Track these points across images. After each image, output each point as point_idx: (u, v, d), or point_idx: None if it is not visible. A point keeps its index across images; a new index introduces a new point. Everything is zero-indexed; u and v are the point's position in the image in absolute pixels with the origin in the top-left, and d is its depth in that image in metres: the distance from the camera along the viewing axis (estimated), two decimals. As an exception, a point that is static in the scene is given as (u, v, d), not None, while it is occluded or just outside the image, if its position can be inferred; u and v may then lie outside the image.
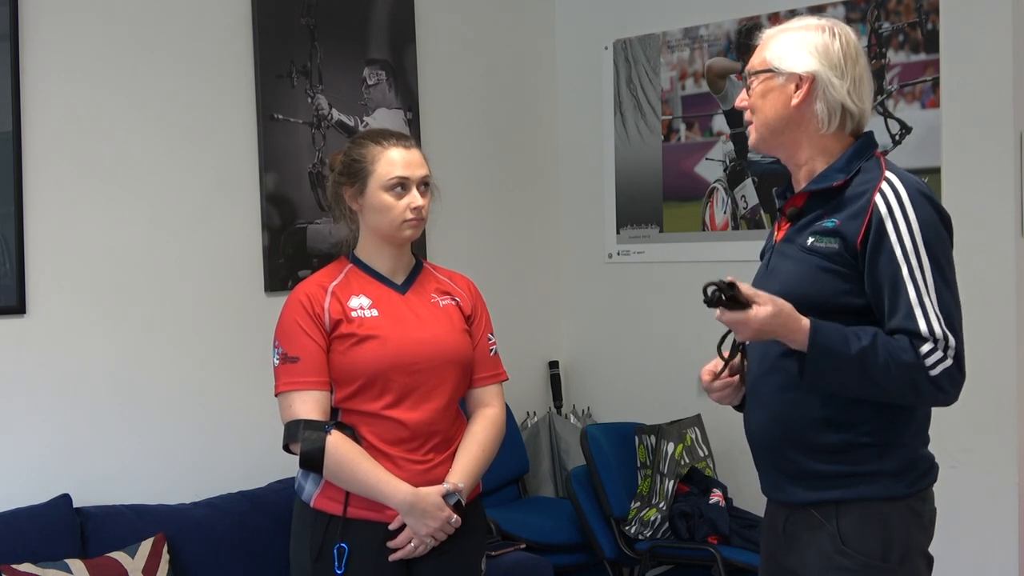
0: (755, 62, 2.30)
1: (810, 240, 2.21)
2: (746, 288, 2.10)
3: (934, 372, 2.09)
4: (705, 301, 2.07)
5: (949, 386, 2.11)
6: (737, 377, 2.34)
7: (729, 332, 2.20)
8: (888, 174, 2.18)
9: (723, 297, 2.06)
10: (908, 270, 2.10)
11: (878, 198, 2.14)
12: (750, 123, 2.32)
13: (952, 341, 2.10)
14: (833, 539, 2.18)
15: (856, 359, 2.08)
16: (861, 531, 2.17)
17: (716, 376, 2.34)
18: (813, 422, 2.20)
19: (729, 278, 2.08)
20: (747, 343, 2.27)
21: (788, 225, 2.30)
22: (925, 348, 2.08)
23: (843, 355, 2.09)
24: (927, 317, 2.09)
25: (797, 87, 2.23)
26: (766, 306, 2.08)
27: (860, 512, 2.17)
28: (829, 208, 2.21)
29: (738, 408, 2.39)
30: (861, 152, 2.25)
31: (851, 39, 2.26)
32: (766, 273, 2.32)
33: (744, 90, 2.32)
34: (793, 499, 2.25)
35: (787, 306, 2.11)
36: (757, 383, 2.30)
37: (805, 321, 2.11)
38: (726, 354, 2.31)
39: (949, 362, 2.09)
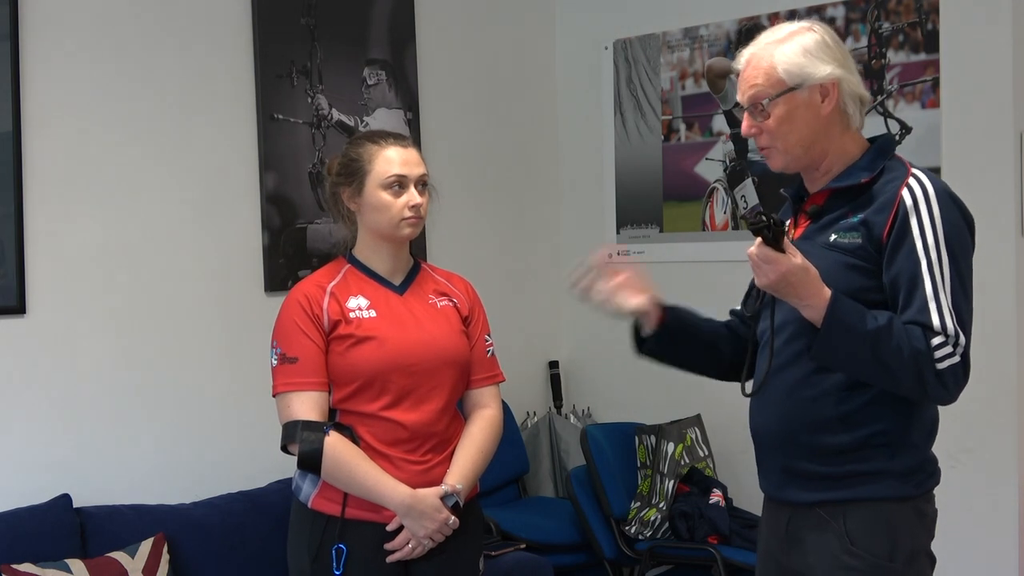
0: (764, 85, 2.21)
1: (833, 237, 2.20)
2: (788, 243, 2.09)
3: (941, 366, 2.08)
4: (750, 224, 2.05)
5: (952, 383, 2.10)
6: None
7: (752, 289, 2.19)
8: (915, 171, 2.19)
9: (769, 231, 2.05)
10: (927, 265, 2.10)
11: (905, 192, 2.15)
12: (767, 148, 2.24)
13: (962, 339, 2.09)
14: (841, 539, 2.18)
15: (870, 336, 2.07)
16: (869, 531, 2.16)
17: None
18: (826, 421, 2.19)
19: (786, 220, 2.08)
20: (773, 312, 2.25)
21: (806, 224, 2.28)
22: (936, 341, 2.08)
23: (858, 330, 2.08)
24: (940, 312, 2.08)
25: (822, 96, 2.20)
26: (797, 258, 2.08)
27: (868, 512, 2.17)
28: (854, 206, 2.20)
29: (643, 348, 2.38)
30: (883, 151, 2.25)
31: (830, 30, 2.26)
32: None
33: (750, 117, 2.24)
34: (799, 499, 2.25)
35: (815, 270, 2.10)
36: (768, 380, 2.27)
37: (827, 291, 2.10)
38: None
39: (957, 359, 2.09)
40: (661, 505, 4.05)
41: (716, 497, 4.04)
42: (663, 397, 4.48)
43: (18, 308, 3.26)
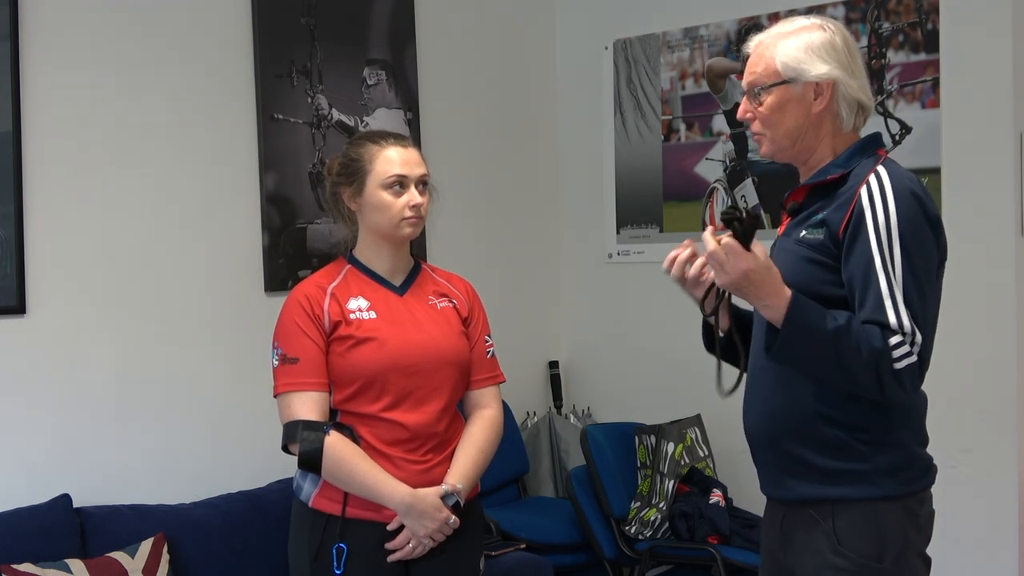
0: (761, 74, 2.26)
1: (802, 232, 2.22)
2: (756, 242, 2.11)
3: (898, 365, 2.07)
4: (723, 215, 2.10)
5: (909, 383, 2.09)
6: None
7: (712, 287, 2.21)
8: (879, 168, 2.18)
9: (740, 224, 2.08)
10: (881, 261, 2.09)
11: (863, 190, 2.15)
12: (759, 134, 2.29)
13: (919, 338, 2.08)
14: (829, 539, 2.18)
15: (830, 336, 2.07)
16: (857, 531, 2.17)
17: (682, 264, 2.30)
18: (809, 419, 2.20)
19: (756, 213, 2.11)
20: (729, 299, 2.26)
21: (788, 220, 2.31)
22: (894, 340, 2.07)
23: (817, 329, 2.08)
24: (896, 310, 2.08)
25: (816, 94, 2.22)
26: (762, 256, 2.10)
27: (856, 512, 2.17)
28: (824, 203, 2.22)
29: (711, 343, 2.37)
30: (863, 150, 2.25)
31: (846, 32, 2.27)
32: None
33: (747, 101, 2.29)
34: (791, 495, 2.25)
35: (777, 271, 2.12)
36: (756, 377, 2.30)
37: (787, 291, 2.11)
38: (709, 311, 2.31)
39: (914, 358, 2.07)
40: (661, 505, 4.05)
41: (716, 497, 4.04)
42: (663, 397, 4.48)
43: (18, 308, 3.26)
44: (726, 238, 2.10)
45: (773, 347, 2.13)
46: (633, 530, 4.04)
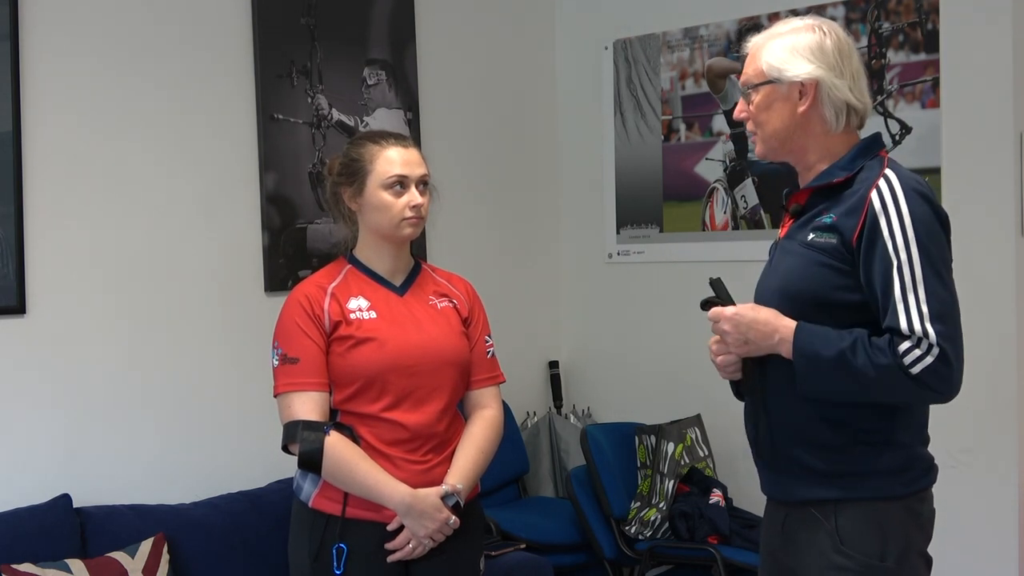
0: (751, 73, 2.29)
1: (810, 236, 2.22)
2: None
3: (915, 370, 2.06)
4: (702, 307, 2.28)
5: (936, 383, 2.08)
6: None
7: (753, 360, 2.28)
8: (887, 172, 2.18)
9: (715, 298, 2.25)
10: (898, 266, 2.10)
11: (874, 195, 2.15)
12: (754, 133, 2.32)
13: (933, 338, 2.06)
14: (832, 538, 2.18)
15: (834, 363, 2.10)
16: (859, 531, 2.17)
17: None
18: (812, 419, 2.20)
19: (716, 276, 2.28)
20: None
21: (791, 221, 2.31)
22: (903, 347, 2.07)
23: (823, 359, 2.11)
24: (908, 314, 2.08)
25: (801, 94, 2.23)
26: (738, 308, 2.22)
27: (858, 512, 2.18)
28: (829, 205, 2.22)
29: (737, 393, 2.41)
30: (866, 151, 2.26)
31: (841, 34, 2.27)
32: (770, 269, 2.34)
33: (742, 100, 2.32)
34: (792, 497, 2.26)
35: (764, 313, 2.19)
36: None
37: (791, 323, 2.16)
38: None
39: (930, 359, 2.06)
40: (661, 505, 4.05)
41: (716, 497, 4.04)
42: (663, 397, 4.49)
43: (18, 308, 3.26)
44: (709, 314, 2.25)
45: (798, 384, 2.17)
46: (633, 530, 4.04)
